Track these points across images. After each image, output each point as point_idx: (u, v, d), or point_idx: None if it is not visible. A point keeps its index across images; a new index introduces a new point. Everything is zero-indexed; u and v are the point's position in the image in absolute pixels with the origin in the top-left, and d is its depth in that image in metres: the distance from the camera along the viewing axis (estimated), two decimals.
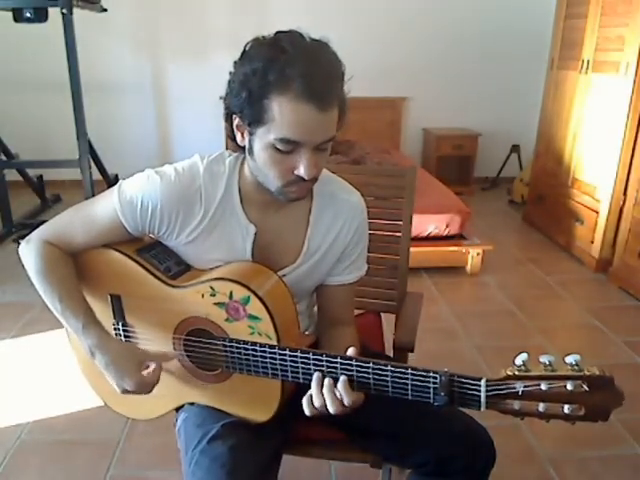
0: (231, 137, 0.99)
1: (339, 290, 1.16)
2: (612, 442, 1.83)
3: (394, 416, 1.05)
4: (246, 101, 0.89)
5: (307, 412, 0.93)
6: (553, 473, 1.71)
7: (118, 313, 1.08)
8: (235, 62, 0.92)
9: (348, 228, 1.11)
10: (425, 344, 2.30)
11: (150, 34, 4.53)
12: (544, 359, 0.79)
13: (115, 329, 1.10)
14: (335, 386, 0.90)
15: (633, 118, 2.92)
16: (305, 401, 0.93)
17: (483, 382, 0.82)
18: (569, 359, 0.78)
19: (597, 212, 3.18)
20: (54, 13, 3.10)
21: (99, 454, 1.75)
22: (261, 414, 1.02)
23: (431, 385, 0.86)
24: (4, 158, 3.72)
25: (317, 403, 0.91)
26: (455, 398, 0.84)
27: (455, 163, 4.81)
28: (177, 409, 1.13)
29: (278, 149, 0.90)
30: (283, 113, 0.86)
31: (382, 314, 1.59)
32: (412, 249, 1.51)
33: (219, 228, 1.04)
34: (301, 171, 0.91)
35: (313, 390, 0.92)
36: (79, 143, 3.33)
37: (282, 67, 0.84)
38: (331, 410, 0.90)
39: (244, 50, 0.91)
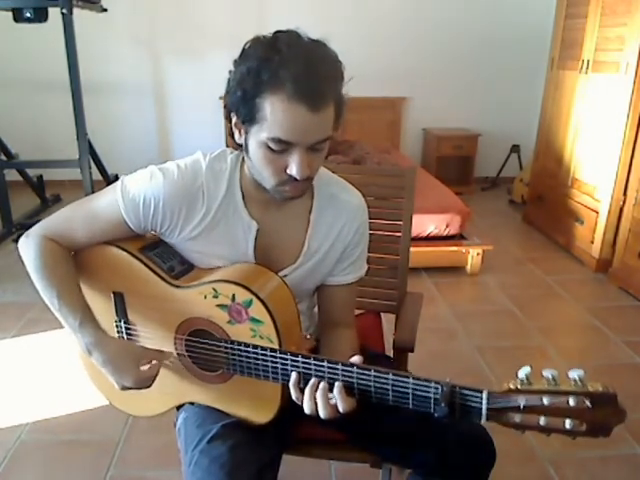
0: (231, 135, 0.99)
1: (338, 290, 1.16)
2: (612, 442, 1.83)
3: (394, 416, 1.04)
4: (241, 100, 0.89)
5: (293, 395, 0.93)
6: (553, 473, 1.71)
7: (121, 311, 1.08)
8: (235, 61, 0.92)
9: (348, 229, 1.11)
10: (425, 344, 2.31)
11: (150, 34, 4.53)
12: (547, 374, 0.78)
13: (117, 327, 1.10)
14: (330, 391, 0.90)
15: (633, 118, 2.91)
16: (292, 384, 0.92)
17: (485, 394, 0.81)
18: (572, 374, 0.77)
19: (597, 212, 3.18)
20: (54, 13, 3.10)
21: (99, 454, 1.75)
22: (261, 416, 1.02)
23: (432, 395, 0.85)
24: (4, 158, 3.72)
25: (308, 409, 0.91)
26: (456, 409, 0.83)
27: (455, 163, 4.81)
28: (178, 408, 1.13)
29: (271, 148, 0.90)
30: (275, 113, 0.87)
31: (382, 314, 1.59)
32: (412, 249, 1.51)
33: (221, 225, 1.04)
34: (293, 171, 0.91)
35: (306, 395, 0.91)
36: (79, 143, 3.33)
37: (276, 67, 0.85)
38: (322, 415, 0.90)
39: (243, 49, 0.92)
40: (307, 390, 0.91)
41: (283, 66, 0.85)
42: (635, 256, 2.86)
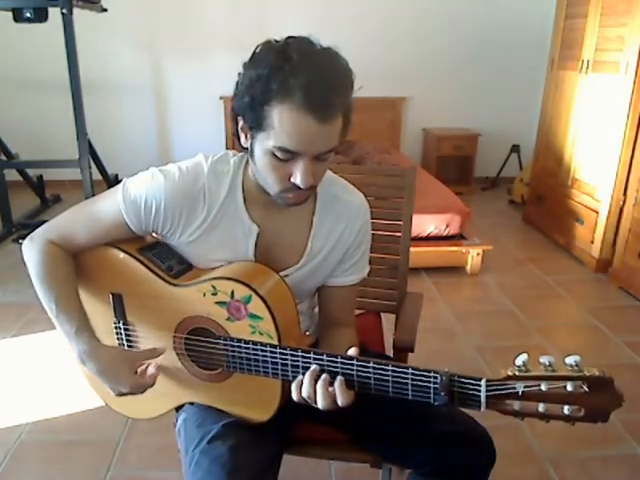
0: (236, 137, 0.99)
1: (340, 291, 1.16)
2: (612, 442, 1.83)
3: (394, 416, 1.05)
4: (249, 105, 0.89)
5: (294, 397, 0.93)
6: (553, 473, 1.71)
7: (119, 312, 1.08)
8: (244, 64, 0.92)
9: (351, 230, 1.11)
10: (425, 344, 2.31)
11: (150, 34, 4.53)
12: (544, 360, 0.79)
13: (116, 328, 1.10)
14: (332, 384, 0.90)
15: (633, 118, 2.91)
16: (294, 385, 0.93)
17: (483, 382, 0.82)
18: (569, 360, 0.78)
19: (597, 212, 3.18)
20: (54, 13, 3.10)
21: (99, 454, 1.75)
22: (261, 414, 1.02)
23: (431, 385, 0.86)
24: (4, 158, 3.72)
25: (305, 393, 0.91)
26: (455, 398, 0.85)
27: (455, 163, 4.81)
28: (177, 409, 1.13)
29: (276, 156, 0.90)
30: (283, 122, 0.86)
31: (382, 314, 1.60)
32: (412, 249, 1.51)
33: (222, 227, 1.04)
34: (298, 180, 0.91)
35: (306, 380, 0.91)
36: (79, 143, 3.33)
37: (285, 76, 0.84)
38: (320, 405, 0.90)
39: (254, 53, 0.91)
40: (307, 375, 0.91)
41: (293, 75, 0.84)
42: (635, 256, 2.86)
